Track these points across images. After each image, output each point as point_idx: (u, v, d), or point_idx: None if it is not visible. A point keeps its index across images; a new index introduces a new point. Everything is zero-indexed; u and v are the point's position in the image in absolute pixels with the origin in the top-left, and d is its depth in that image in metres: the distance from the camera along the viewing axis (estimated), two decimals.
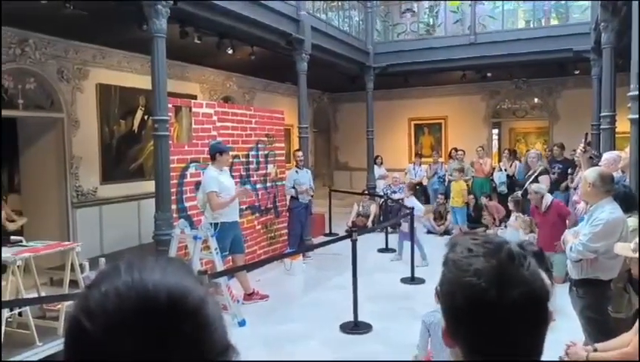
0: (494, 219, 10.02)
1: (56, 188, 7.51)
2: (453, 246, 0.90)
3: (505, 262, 0.84)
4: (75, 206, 7.63)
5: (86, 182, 7.79)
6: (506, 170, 10.81)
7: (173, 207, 6.17)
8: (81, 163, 7.72)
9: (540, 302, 0.83)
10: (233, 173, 6.98)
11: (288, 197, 8.38)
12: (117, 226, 8.05)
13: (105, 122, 8.10)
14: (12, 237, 5.42)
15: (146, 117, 8.53)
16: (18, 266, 4.62)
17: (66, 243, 6.07)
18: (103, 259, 5.57)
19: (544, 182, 8.11)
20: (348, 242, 5.56)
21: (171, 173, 6.08)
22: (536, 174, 8.51)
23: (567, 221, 6.27)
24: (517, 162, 10.95)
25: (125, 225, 8.19)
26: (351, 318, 5.29)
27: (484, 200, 10.17)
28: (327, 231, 10.27)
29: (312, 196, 8.35)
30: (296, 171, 8.14)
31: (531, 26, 11.00)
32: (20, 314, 4.87)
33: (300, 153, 8.30)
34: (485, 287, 0.82)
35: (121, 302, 0.60)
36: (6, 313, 4.58)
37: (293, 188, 8.07)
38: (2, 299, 4.34)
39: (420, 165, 12.19)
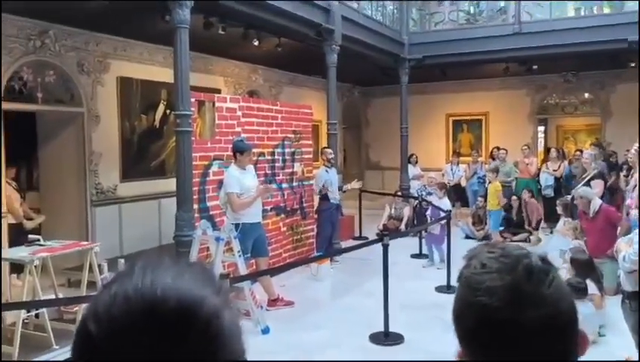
0: (530, 221, 9.80)
1: (75, 186, 7.69)
2: (470, 260, 0.88)
3: (521, 278, 0.81)
4: (95, 204, 7.80)
5: (106, 180, 7.96)
6: (553, 170, 10.59)
7: (195, 206, 6.24)
8: (101, 159, 7.89)
9: (564, 326, 0.79)
10: (258, 172, 7.01)
11: (316, 198, 8.39)
12: (137, 226, 8.20)
13: (126, 117, 8.26)
14: (30, 236, 5.57)
15: (167, 111, 8.66)
16: (35, 266, 4.74)
17: (85, 242, 6.21)
18: (122, 260, 5.68)
19: (597, 187, 7.88)
20: (379, 246, 5.54)
21: (193, 171, 6.15)
22: (588, 177, 8.25)
23: (617, 227, 6.10)
24: (565, 162, 10.70)
25: (145, 224, 8.34)
26: (381, 328, 5.27)
27: (525, 194, 9.93)
28: (357, 235, 10.25)
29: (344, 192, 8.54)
30: (327, 171, 8.12)
31: (582, 14, 10.74)
32: (36, 316, 4.99)
33: (330, 150, 8.30)
34: (497, 307, 0.79)
35: (128, 307, 0.60)
36: (23, 314, 4.71)
37: (323, 187, 8.07)
38: (20, 300, 4.46)
39: (458, 165, 12.06)
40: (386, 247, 5.44)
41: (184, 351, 0.59)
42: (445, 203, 8.41)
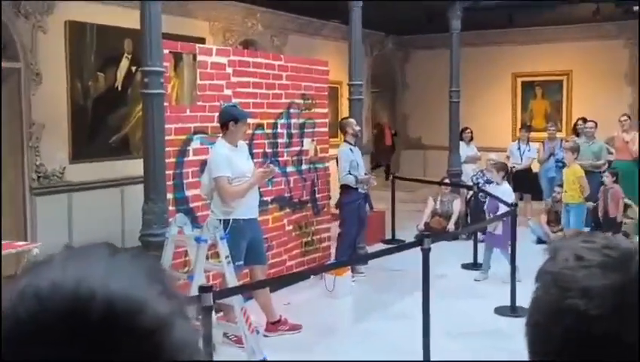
0: (605, 212, 9.63)
1: (8, 168, 7.77)
2: (555, 253, 0.86)
3: (633, 279, 0.79)
4: (35, 192, 7.88)
5: (50, 160, 8.03)
6: None
7: (169, 196, 6.28)
8: (44, 133, 7.95)
9: None
10: (253, 151, 7.04)
11: (336, 187, 8.40)
12: (92, 222, 8.26)
13: (77, 76, 8.30)
14: None
15: (133, 69, 8.70)
16: None
17: (21, 243, 6.27)
18: None
19: None
20: (417, 252, 5.54)
21: (167, 149, 6.18)
22: None
23: None
24: None
25: (103, 220, 8.40)
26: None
27: (607, 178, 9.68)
28: (389, 237, 10.26)
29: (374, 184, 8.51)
30: (350, 149, 8.14)
31: None
32: None
33: (354, 121, 8.32)
34: (597, 316, 0.77)
35: (40, 307, 0.60)
36: None
37: (350, 173, 8.05)
38: None
39: (529, 143, 11.98)
40: (426, 253, 5.43)
41: None
42: (505, 190, 8.34)
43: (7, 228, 7.52)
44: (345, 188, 8.16)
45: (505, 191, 8.35)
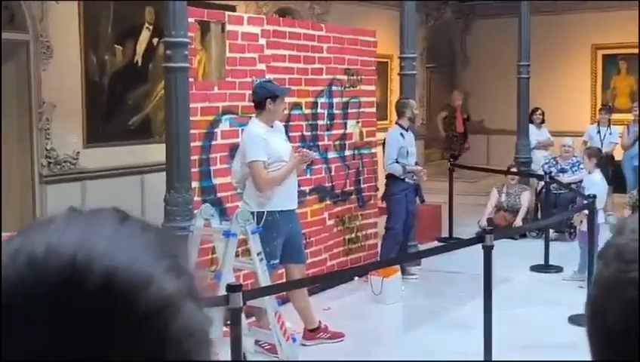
0: None
1: (16, 153, 7.92)
2: (622, 228, 0.86)
3: None
4: (46, 180, 8.02)
5: (62, 144, 8.17)
6: None
7: (195, 185, 6.33)
8: (55, 114, 8.08)
9: None
10: (290, 134, 7.06)
11: (382, 176, 8.39)
12: None
13: (92, 49, 8.42)
14: None
15: (155, 41, 8.79)
16: None
17: None
18: None
19: None
20: (478, 251, 5.51)
21: (192, 131, 6.24)
22: None
23: None
24: None
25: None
26: None
27: None
28: (446, 235, 10.22)
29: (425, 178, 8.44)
30: (402, 134, 8.11)
31: None
32: None
33: (414, 102, 8.30)
34: None
35: (32, 271, 0.60)
36: None
37: (397, 162, 8.02)
38: None
39: (610, 126, 11.79)
40: (488, 252, 5.41)
41: (106, 349, 0.59)
42: (595, 181, 8.20)
43: (15, 219, 7.68)
44: (391, 177, 8.15)
45: (594, 181, 8.22)
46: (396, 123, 8.26)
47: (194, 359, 0.64)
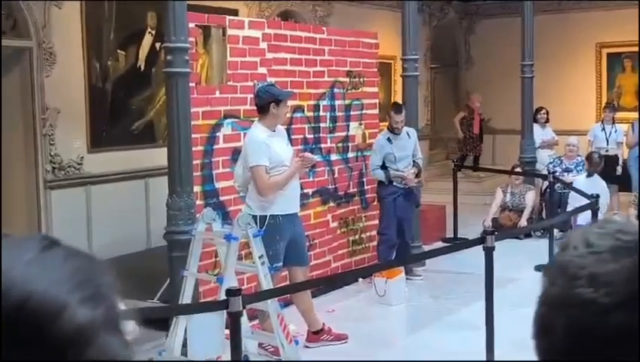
0: None
1: (20, 158, 7.96)
2: (566, 243, 0.87)
3: None
4: (50, 185, 8.06)
5: (66, 149, 8.20)
6: None
7: (197, 189, 6.35)
8: (59, 119, 8.12)
9: None
10: (292, 137, 7.07)
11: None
12: (113, 217, 8.43)
13: (95, 54, 8.46)
14: None
15: (158, 45, 8.82)
16: None
17: None
18: None
19: None
20: (482, 251, 5.51)
21: (194, 135, 6.25)
22: None
23: None
24: None
25: (126, 215, 8.56)
26: None
27: None
28: (450, 235, 10.21)
29: (415, 184, 8.08)
30: (389, 139, 7.90)
31: None
32: None
33: (395, 115, 7.85)
34: (607, 305, 0.78)
35: None
36: None
37: (384, 167, 7.83)
38: None
39: (614, 124, 11.75)
40: (490, 252, 5.41)
41: None
42: (596, 183, 8.22)
43: (21, 224, 7.72)
44: (380, 181, 8.01)
45: (597, 183, 8.24)
46: (387, 127, 8.10)
47: None
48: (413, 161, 7.99)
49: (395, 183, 7.89)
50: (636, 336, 0.77)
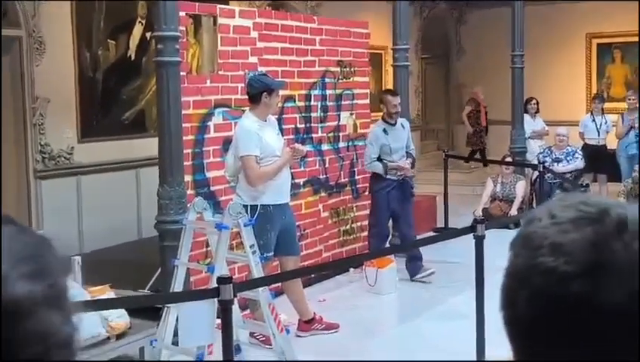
0: None
1: (9, 148, 7.92)
2: (530, 219, 0.89)
3: (609, 233, 0.81)
4: (40, 175, 8.04)
5: (56, 139, 8.18)
6: None
7: (187, 178, 6.34)
8: (49, 109, 8.09)
9: None
10: (283, 127, 7.06)
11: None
12: (104, 207, 8.41)
13: (85, 44, 8.42)
14: None
15: (148, 35, 8.78)
16: None
17: None
18: (78, 259, 5.86)
19: None
20: (472, 241, 5.51)
21: (184, 125, 6.23)
22: None
23: None
24: None
25: (117, 205, 8.54)
26: None
27: None
28: (441, 225, 10.22)
29: (411, 174, 8.02)
30: (385, 130, 7.71)
31: None
32: None
33: (392, 98, 7.83)
34: (568, 273, 0.79)
35: None
36: None
37: (380, 159, 7.64)
38: None
39: (604, 114, 11.79)
40: (480, 241, 5.41)
41: None
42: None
43: (10, 214, 7.67)
44: (373, 173, 7.87)
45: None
46: (381, 117, 7.92)
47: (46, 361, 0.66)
48: (407, 152, 7.87)
49: (389, 175, 7.70)
50: (595, 305, 0.79)
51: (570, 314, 0.80)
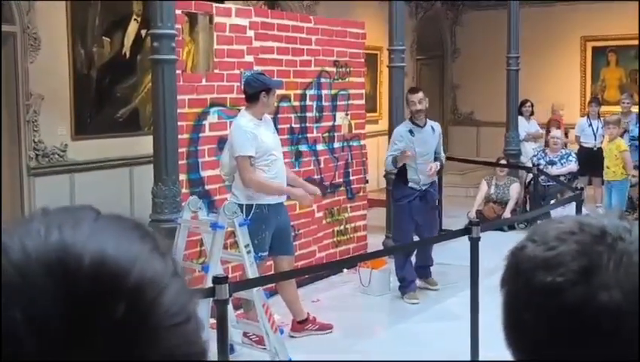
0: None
1: (3, 145, 7.87)
2: (512, 253, 0.94)
3: (592, 240, 0.86)
4: (33, 173, 8.01)
5: (50, 136, 8.15)
6: None
7: (182, 177, 6.33)
8: (43, 105, 8.06)
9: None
10: (279, 126, 7.06)
11: (372, 168, 8.39)
12: (97, 205, 8.19)
13: (79, 41, 8.39)
14: None
15: (143, 32, 8.77)
16: None
17: None
18: None
19: None
20: (467, 244, 5.53)
21: (180, 123, 6.23)
22: None
23: None
24: None
25: (110, 203, 8.42)
26: None
27: None
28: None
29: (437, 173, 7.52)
30: (411, 131, 7.25)
31: None
32: None
33: (411, 95, 7.35)
34: (565, 283, 0.84)
35: (25, 259, 0.65)
36: None
37: (402, 167, 7.17)
38: None
39: (599, 117, 11.83)
40: (475, 243, 5.43)
41: (99, 323, 0.63)
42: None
43: (4, 211, 7.66)
44: (395, 180, 7.48)
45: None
46: (409, 117, 7.48)
47: (185, 331, 0.69)
48: (435, 157, 7.32)
49: (410, 184, 7.22)
50: (594, 307, 0.82)
51: (573, 321, 0.83)
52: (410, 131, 7.22)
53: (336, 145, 8.30)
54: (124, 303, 0.64)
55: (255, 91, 5.82)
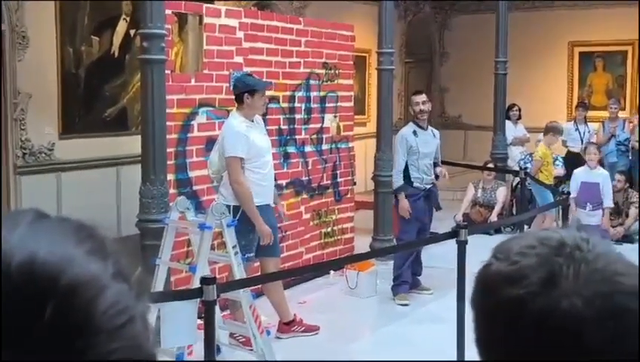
0: None
1: None
2: (479, 273, 0.96)
3: (551, 252, 0.89)
4: (20, 171, 7.99)
5: (37, 135, 8.12)
6: None
7: (170, 177, 6.33)
8: (31, 104, 8.04)
9: (621, 314, 0.85)
10: (267, 127, 7.06)
11: (359, 170, 8.40)
12: (84, 205, 8.32)
13: (68, 39, 8.38)
14: None
15: (132, 32, 8.76)
16: None
17: None
18: None
19: None
20: (453, 247, 5.55)
21: (168, 123, 6.22)
22: None
23: None
24: None
25: (97, 203, 8.47)
26: None
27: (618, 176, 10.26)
28: None
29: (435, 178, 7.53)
30: (415, 132, 7.33)
31: None
32: None
33: (415, 97, 7.46)
34: (529, 294, 0.86)
35: None
36: None
37: (406, 165, 7.23)
38: None
39: (586, 122, 11.87)
40: (462, 246, 5.45)
41: (33, 324, 0.63)
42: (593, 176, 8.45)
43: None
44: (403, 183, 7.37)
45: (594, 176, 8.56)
46: (413, 119, 7.53)
47: (126, 334, 0.68)
48: (434, 163, 7.46)
49: (415, 184, 7.27)
50: (558, 315, 0.85)
51: (539, 331, 0.86)
52: (414, 132, 7.32)
53: (325, 147, 8.31)
54: (54, 304, 0.63)
55: (239, 92, 5.86)
